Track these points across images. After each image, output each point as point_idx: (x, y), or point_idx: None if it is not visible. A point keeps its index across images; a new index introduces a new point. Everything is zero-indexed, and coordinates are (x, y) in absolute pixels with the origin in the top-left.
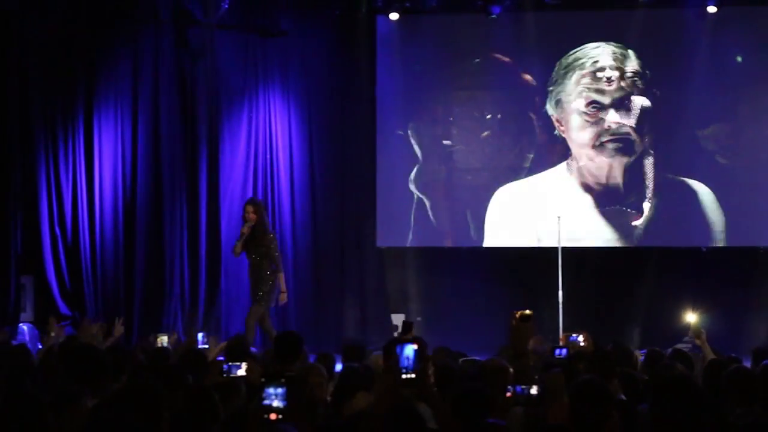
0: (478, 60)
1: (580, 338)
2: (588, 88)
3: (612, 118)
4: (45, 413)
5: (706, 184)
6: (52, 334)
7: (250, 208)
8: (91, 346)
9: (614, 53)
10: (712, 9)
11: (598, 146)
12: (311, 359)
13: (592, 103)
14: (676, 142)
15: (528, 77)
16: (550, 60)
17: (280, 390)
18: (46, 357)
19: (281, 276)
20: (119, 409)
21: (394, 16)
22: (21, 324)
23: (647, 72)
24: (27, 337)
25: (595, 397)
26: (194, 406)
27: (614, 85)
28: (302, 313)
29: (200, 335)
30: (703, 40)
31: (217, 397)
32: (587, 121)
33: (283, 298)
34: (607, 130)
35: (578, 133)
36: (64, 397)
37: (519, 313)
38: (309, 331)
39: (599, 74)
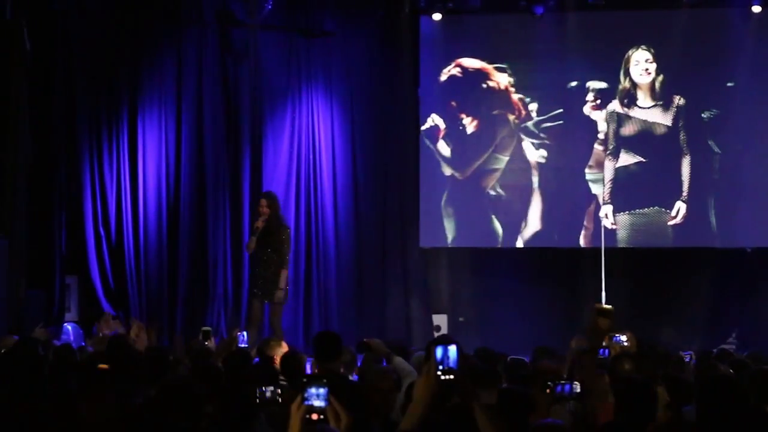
0: (521, 60)
1: (624, 338)
2: (626, 88)
3: (650, 117)
4: (92, 412)
5: (746, 185)
6: (106, 331)
7: (263, 202)
8: (129, 346)
9: (652, 52)
10: (756, 9)
11: (638, 145)
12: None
13: (630, 102)
14: (717, 141)
15: (570, 77)
16: (593, 60)
17: (321, 390)
18: (87, 356)
19: (284, 273)
20: (161, 408)
21: (437, 16)
22: (65, 324)
23: (689, 72)
24: (71, 337)
25: (640, 397)
26: (233, 406)
27: (653, 85)
28: (345, 313)
29: (241, 334)
30: (747, 41)
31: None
32: (626, 121)
33: (280, 295)
34: (647, 130)
35: (618, 132)
36: (111, 396)
37: (598, 307)
38: (351, 332)
39: (639, 74)
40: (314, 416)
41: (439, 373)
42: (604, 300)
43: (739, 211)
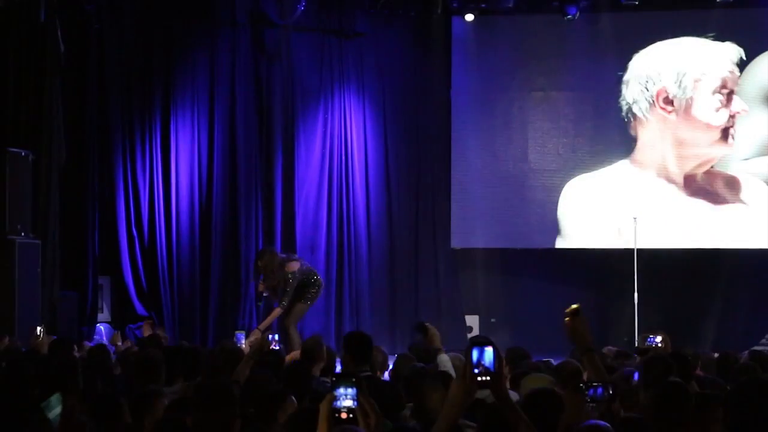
0: (553, 61)
1: (658, 339)
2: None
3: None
4: (122, 412)
5: None
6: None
7: (259, 263)
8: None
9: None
10: None
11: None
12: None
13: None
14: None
15: (603, 78)
16: (627, 60)
17: (350, 390)
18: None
19: (277, 311)
20: (197, 408)
21: (469, 17)
22: (98, 324)
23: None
24: (104, 338)
25: (677, 399)
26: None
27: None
28: (377, 313)
29: (272, 336)
30: None
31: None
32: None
33: (255, 333)
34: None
35: (667, 138)
36: (141, 396)
37: (567, 310)
38: (384, 333)
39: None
40: (343, 415)
41: (476, 374)
42: (636, 300)
43: None
